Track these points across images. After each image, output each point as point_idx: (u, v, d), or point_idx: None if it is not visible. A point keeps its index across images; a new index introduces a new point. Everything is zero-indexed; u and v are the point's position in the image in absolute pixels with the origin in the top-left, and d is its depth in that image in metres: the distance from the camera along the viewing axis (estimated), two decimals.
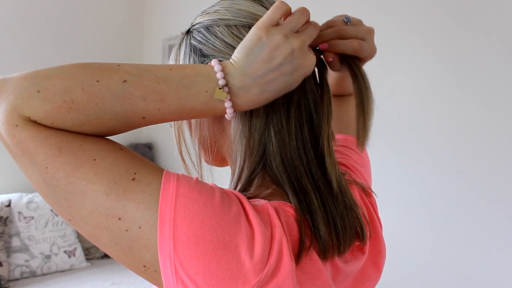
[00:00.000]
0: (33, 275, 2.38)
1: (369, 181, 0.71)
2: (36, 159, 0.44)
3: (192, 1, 2.92)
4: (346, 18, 0.58)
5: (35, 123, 0.44)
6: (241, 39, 0.53)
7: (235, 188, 0.54)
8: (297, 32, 0.49)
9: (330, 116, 0.56)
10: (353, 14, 0.65)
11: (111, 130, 0.47)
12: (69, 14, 2.96)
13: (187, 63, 0.58)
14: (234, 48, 0.52)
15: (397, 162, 1.98)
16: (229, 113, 0.49)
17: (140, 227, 0.43)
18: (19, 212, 2.46)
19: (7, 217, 2.39)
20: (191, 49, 0.57)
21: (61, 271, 2.48)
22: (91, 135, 0.46)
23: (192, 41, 0.57)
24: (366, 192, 0.63)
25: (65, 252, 2.52)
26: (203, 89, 0.47)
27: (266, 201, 0.49)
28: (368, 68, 0.79)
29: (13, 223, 2.42)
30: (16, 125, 0.43)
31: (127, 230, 0.43)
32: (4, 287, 2.20)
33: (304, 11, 0.51)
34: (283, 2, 0.50)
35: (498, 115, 1.72)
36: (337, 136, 0.73)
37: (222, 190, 0.47)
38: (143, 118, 0.47)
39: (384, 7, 2.04)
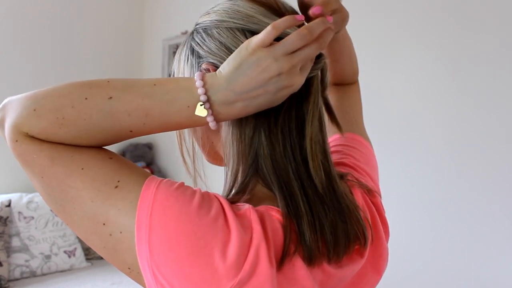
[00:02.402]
0: (33, 275, 2.38)
1: (375, 177, 0.69)
2: (34, 170, 0.49)
3: (192, 1, 2.92)
4: None
5: (33, 138, 0.48)
6: (234, 42, 0.53)
7: (229, 191, 0.54)
8: (291, 53, 0.48)
9: (315, 118, 0.54)
10: (353, 14, 0.65)
11: (103, 142, 0.50)
12: (69, 14, 2.96)
13: (186, 64, 0.58)
14: (227, 49, 0.53)
15: (397, 162, 1.98)
16: (212, 126, 0.50)
17: (121, 232, 0.46)
18: (19, 212, 2.45)
19: (7, 217, 2.38)
20: (190, 51, 0.58)
21: (61, 271, 2.48)
22: (84, 146, 0.49)
23: (191, 42, 0.58)
24: (370, 192, 0.62)
25: (65, 252, 2.52)
26: (185, 104, 0.48)
27: (250, 206, 0.49)
28: (368, 68, 0.79)
29: (13, 223, 2.42)
30: (16, 140, 0.48)
31: (110, 235, 0.47)
32: (4, 287, 2.20)
33: (303, 37, 0.47)
34: (277, 24, 0.48)
35: (498, 115, 1.72)
36: (340, 135, 0.71)
37: (204, 195, 0.48)
38: (131, 131, 0.50)
39: (384, 7, 2.04)
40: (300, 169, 0.52)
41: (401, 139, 1.99)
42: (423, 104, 1.93)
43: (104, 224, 0.46)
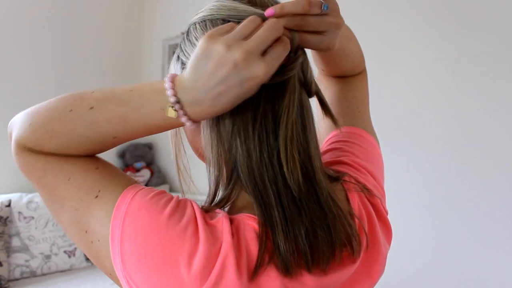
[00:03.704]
0: (33, 275, 2.38)
1: (378, 175, 0.65)
2: (32, 180, 0.53)
3: (192, 1, 2.92)
4: (324, 6, 0.50)
5: (30, 150, 0.51)
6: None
7: (213, 196, 0.53)
8: (245, 38, 0.46)
9: (290, 118, 0.50)
10: (354, 14, 0.65)
11: (92, 151, 0.52)
12: (69, 14, 2.96)
13: (173, 71, 0.58)
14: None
15: (397, 162, 1.98)
16: (188, 126, 0.49)
17: (99, 241, 0.48)
18: (19, 212, 2.45)
19: (7, 217, 2.38)
20: (176, 57, 0.58)
21: (61, 271, 2.48)
22: (75, 156, 0.52)
23: (177, 49, 0.58)
24: (369, 193, 0.59)
25: (65, 252, 2.52)
26: (159, 107, 0.48)
27: (225, 214, 0.49)
28: (368, 68, 0.79)
29: (13, 223, 2.42)
30: (17, 153, 0.52)
31: (92, 242, 0.49)
32: (4, 287, 2.20)
33: (253, 19, 0.47)
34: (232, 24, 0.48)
35: (498, 115, 1.72)
36: (342, 129, 0.67)
37: (180, 203, 0.49)
38: (114, 137, 0.51)
39: (384, 8, 2.04)
40: (277, 176, 0.50)
41: (401, 139, 1.99)
42: (423, 104, 1.93)
43: (86, 232, 0.49)
